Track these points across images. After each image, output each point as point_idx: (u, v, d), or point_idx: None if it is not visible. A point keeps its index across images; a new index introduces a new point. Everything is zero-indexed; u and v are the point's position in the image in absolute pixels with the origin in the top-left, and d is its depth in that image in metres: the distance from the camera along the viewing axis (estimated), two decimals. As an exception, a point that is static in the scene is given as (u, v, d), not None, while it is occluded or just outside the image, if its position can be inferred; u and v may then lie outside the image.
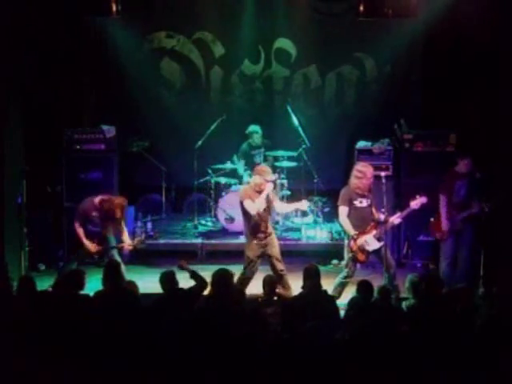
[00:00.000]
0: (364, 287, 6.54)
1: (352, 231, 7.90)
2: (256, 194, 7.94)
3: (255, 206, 7.85)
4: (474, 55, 9.68)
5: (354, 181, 7.96)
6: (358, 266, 9.65)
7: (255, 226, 7.98)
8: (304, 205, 8.28)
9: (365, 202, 7.97)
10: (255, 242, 8.00)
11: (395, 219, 8.07)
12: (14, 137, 8.61)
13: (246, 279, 7.95)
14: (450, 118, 9.98)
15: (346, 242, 8.05)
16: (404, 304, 6.74)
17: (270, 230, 8.11)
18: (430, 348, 5.47)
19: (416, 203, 8.06)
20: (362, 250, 7.89)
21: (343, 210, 7.96)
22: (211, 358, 5.31)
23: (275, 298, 7.03)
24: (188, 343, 5.55)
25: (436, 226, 8.58)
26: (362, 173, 7.92)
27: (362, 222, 7.94)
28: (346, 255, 8.06)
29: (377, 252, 7.96)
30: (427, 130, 9.96)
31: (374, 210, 8.04)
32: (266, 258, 8.07)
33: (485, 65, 9.28)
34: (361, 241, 7.88)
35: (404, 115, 10.15)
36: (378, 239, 7.91)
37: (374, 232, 7.91)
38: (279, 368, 5.18)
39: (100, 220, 8.21)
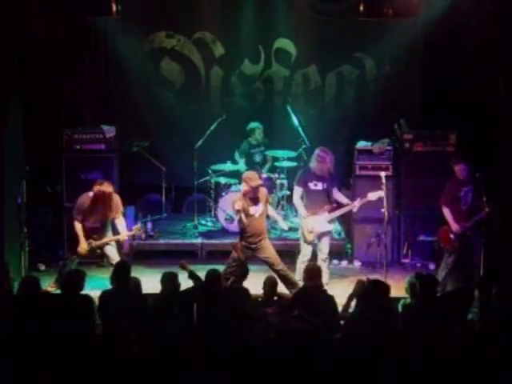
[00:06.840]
0: (377, 287, 6.51)
1: (303, 212, 8.31)
2: (249, 201, 8.01)
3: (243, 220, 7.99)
4: (474, 55, 9.68)
5: (314, 163, 8.33)
6: (357, 264, 9.73)
7: (244, 229, 8.05)
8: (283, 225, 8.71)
9: (320, 186, 8.32)
10: (243, 243, 8.07)
11: (355, 205, 8.33)
12: (14, 137, 8.61)
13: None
14: (450, 118, 9.98)
15: (300, 222, 8.48)
16: (400, 304, 6.75)
17: (262, 235, 8.10)
18: (428, 348, 5.49)
19: (373, 195, 8.32)
20: (310, 230, 8.27)
21: (297, 191, 8.42)
22: (209, 358, 5.32)
23: (275, 298, 7.05)
24: (186, 343, 5.56)
25: (445, 239, 8.48)
26: (321, 157, 8.31)
27: (314, 204, 8.30)
28: (300, 236, 8.46)
29: (321, 236, 8.33)
30: (427, 129, 9.95)
31: (336, 194, 8.38)
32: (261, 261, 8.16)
33: (485, 65, 9.28)
34: (310, 221, 8.22)
35: (404, 115, 10.15)
36: (329, 222, 8.29)
37: (326, 215, 8.23)
38: (279, 368, 5.18)
39: (96, 213, 8.23)
